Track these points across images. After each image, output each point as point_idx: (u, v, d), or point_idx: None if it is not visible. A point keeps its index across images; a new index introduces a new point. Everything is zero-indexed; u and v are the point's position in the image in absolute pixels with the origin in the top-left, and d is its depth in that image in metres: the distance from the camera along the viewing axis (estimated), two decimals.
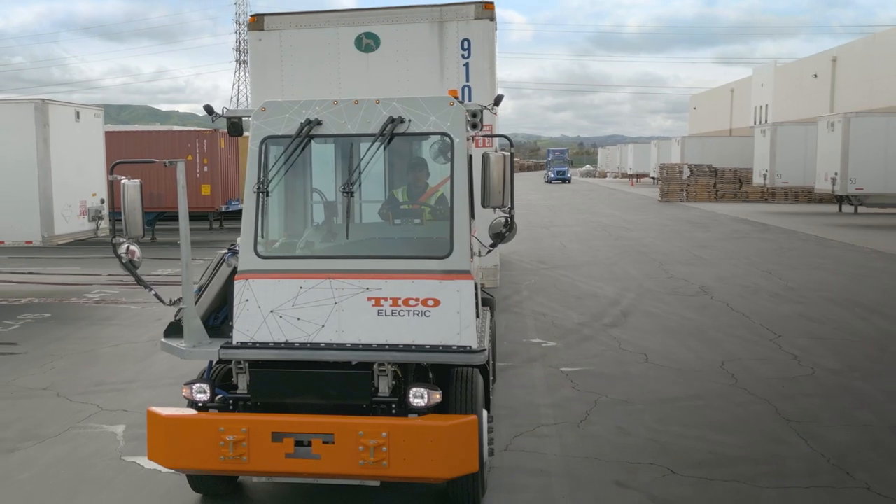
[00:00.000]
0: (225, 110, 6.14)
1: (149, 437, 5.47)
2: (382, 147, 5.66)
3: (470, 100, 8.09)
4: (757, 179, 36.37)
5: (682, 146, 47.35)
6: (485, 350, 5.46)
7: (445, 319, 5.31)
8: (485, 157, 5.54)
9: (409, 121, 5.58)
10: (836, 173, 26.98)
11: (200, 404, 5.55)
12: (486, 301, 7.82)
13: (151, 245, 22.20)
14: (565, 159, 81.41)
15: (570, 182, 74.00)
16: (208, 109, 6.13)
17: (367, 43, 8.71)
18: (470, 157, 6.06)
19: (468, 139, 6.03)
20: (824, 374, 8.89)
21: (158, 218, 24.49)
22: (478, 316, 5.92)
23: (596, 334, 10.99)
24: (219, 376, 5.78)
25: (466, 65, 8.52)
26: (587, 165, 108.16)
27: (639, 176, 65.79)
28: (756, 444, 6.84)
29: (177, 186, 5.62)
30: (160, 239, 23.73)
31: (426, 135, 5.82)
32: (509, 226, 5.81)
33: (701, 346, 10.22)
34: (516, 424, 7.34)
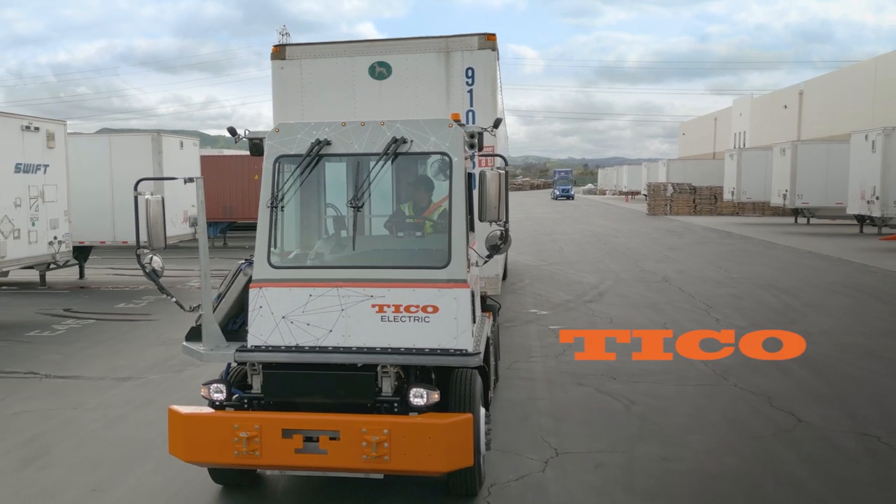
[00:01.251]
0: (247, 132, 6.00)
1: (169, 433, 5.44)
2: (388, 165, 5.62)
3: (473, 122, 8.04)
4: (727, 196, 38.80)
5: (668, 167, 49.73)
6: (479, 353, 5.44)
7: (444, 325, 5.25)
8: (481, 175, 5.56)
9: (412, 141, 5.53)
10: (786, 190, 29.51)
11: (217, 403, 5.51)
12: (490, 307, 7.96)
13: (223, 248, 24.92)
14: (569, 179, 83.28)
15: (573, 199, 75.51)
16: (231, 131, 6.04)
17: (380, 71, 8.51)
18: (470, 175, 6.03)
19: (467, 158, 5.93)
20: (733, 328, 11.43)
21: (230, 227, 26.89)
22: (475, 321, 5.76)
23: (577, 307, 13.58)
24: (237, 377, 5.72)
25: (470, 91, 8.33)
26: (589, 184, 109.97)
27: (633, 193, 67.95)
28: (669, 364, 9.34)
29: (197, 202, 5.65)
30: (231, 244, 26.13)
31: (427, 154, 5.75)
32: (504, 238, 5.68)
33: (652, 313, 12.78)
34: (515, 357, 9.90)
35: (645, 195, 51.73)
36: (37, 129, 13.81)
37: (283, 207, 5.64)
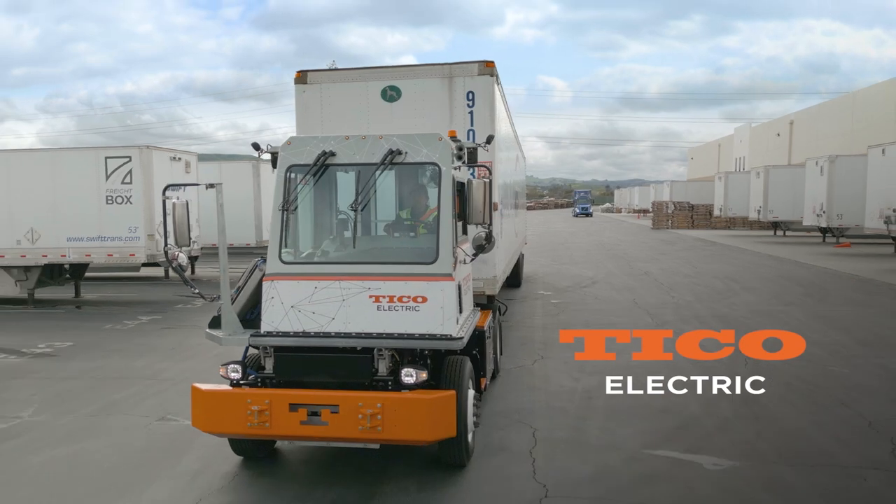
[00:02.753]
0: (268, 147, 6.05)
1: (192, 407, 5.59)
2: (387, 174, 5.78)
3: (474, 140, 8.18)
4: (716, 212, 41.69)
5: (671, 188, 52.59)
6: (462, 338, 5.57)
7: (431, 313, 5.37)
8: (468, 183, 5.74)
9: (406, 153, 5.64)
10: (760, 206, 32.42)
11: (234, 381, 5.64)
12: (491, 307, 8.27)
13: None
14: (588, 198, 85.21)
15: (591, 216, 77.42)
16: (255, 146, 6.10)
17: (391, 94, 8.58)
18: (461, 183, 6.09)
19: (457, 168, 5.98)
20: (682, 302, 14.63)
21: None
22: (461, 311, 5.89)
23: (574, 291, 16.83)
24: (254, 360, 5.84)
25: (471, 112, 8.43)
26: (607, 203, 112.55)
27: (643, 211, 70.49)
28: (637, 320, 12.61)
29: (217, 207, 5.80)
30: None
31: (419, 164, 5.80)
32: (489, 239, 5.80)
33: (629, 294, 15.94)
34: (525, 315, 13.23)
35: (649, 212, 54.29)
36: (179, 159, 17.50)
37: (295, 210, 5.83)
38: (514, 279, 16.02)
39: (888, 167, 21.88)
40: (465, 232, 6.41)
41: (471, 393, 5.87)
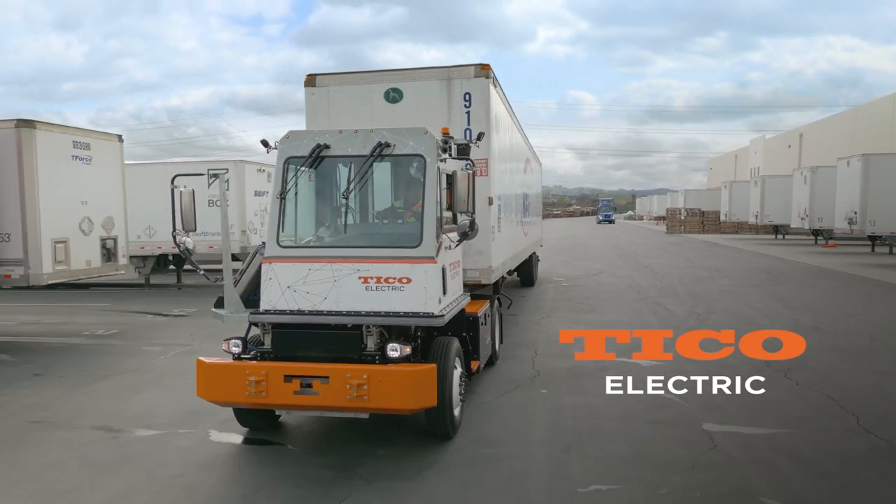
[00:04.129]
0: (276, 143, 6.19)
1: (196, 378, 5.80)
2: (382, 166, 6.00)
3: (470, 138, 8.07)
4: (722, 217, 44.43)
5: (684, 196, 55.32)
6: (444, 316, 5.73)
7: (415, 292, 5.58)
8: (453, 174, 5.88)
9: (394, 145, 5.83)
10: (758, 212, 35.27)
11: (235, 355, 5.87)
12: (490, 297, 8.58)
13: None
14: (610, 206, 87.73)
15: (613, 223, 79.56)
16: (264, 143, 6.21)
17: (394, 96, 8.77)
18: (450, 175, 6.13)
19: (443, 160, 6.10)
20: (667, 284, 17.73)
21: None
22: (445, 293, 5.99)
23: (583, 278, 19.97)
24: (257, 338, 6.05)
25: (468, 112, 8.58)
26: (629, 211, 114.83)
27: (661, 218, 72.89)
28: (626, 295, 15.77)
29: (220, 195, 6.05)
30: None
31: (406, 156, 5.97)
32: (472, 226, 5.96)
33: (627, 280, 19.02)
34: (539, 297, 16.38)
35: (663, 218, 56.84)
36: (263, 170, 21.02)
37: (293, 198, 6.03)
38: (527, 279, 17.52)
39: (852, 177, 24.80)
40: (455, 221, 6.52)
41: (457, 371, 6.13)
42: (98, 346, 11.00)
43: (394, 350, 5.62)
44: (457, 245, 6.38)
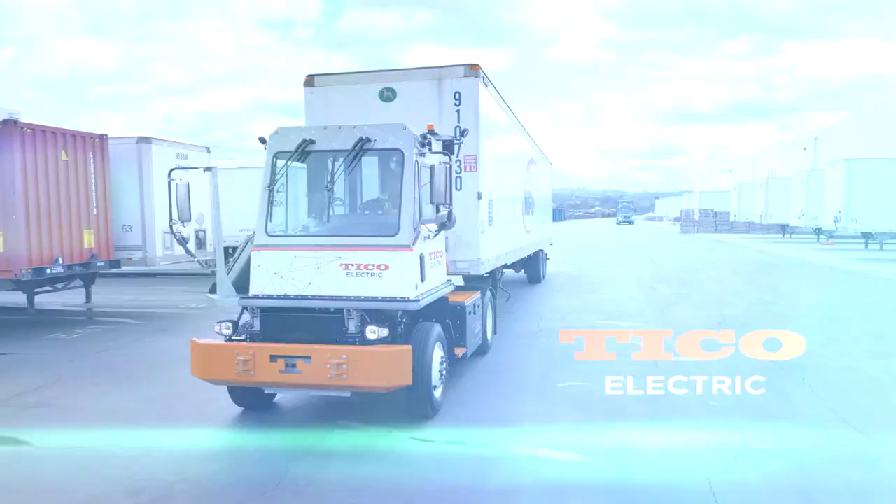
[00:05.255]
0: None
1: (191, 358, 6.14)
2: (367, 161, 6.29)
3: (460, 135, 8.47)
4: (732, 218, 46.45)
5: (698, 197, 57.14)
6: (419, 300, 6.03)
7: (393, 278, 5.88)
8: (432, 168, 6.09)
9: (375, 140, 6.12)
10: (762, 211, 37.40)
11: (226, 337, 6.20)
12: (481, 288, 8.91)
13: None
14: (630, 208, 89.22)
15: (633, 224, 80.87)
16: (262, 140, 6.51)
17: (387, 95, 8.92)
18: (430, 167, 6.26)
19: (423, 155, 6.33)
20: (662, 273, 20.08)
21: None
22: (423, 279, 6.22)
23: (591, 269, 22.28)
24: (249, 322, 6.37)
25: (458, 110, 8.72)
26: (649, 213, 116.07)
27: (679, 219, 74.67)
28: (625, 279, 18.23)
29: (211, 187, 6.36)
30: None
31: (385, 150, 6.26)
32: (449, 217, 6.19)
33: (630, 271, 21.30)
34: (552, 279, 18.80)
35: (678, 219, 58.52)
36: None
37: (278, 190, 6.24)
38: (533, 276, 17.81)
39: (837, 179, 27.04)
40: (438, 212, 6.49)
41: (437, 354, 6.38)
42: (196, 314, 13.82)
43: (372, 332, 5.92)
44: (435, 235, 6.63)
